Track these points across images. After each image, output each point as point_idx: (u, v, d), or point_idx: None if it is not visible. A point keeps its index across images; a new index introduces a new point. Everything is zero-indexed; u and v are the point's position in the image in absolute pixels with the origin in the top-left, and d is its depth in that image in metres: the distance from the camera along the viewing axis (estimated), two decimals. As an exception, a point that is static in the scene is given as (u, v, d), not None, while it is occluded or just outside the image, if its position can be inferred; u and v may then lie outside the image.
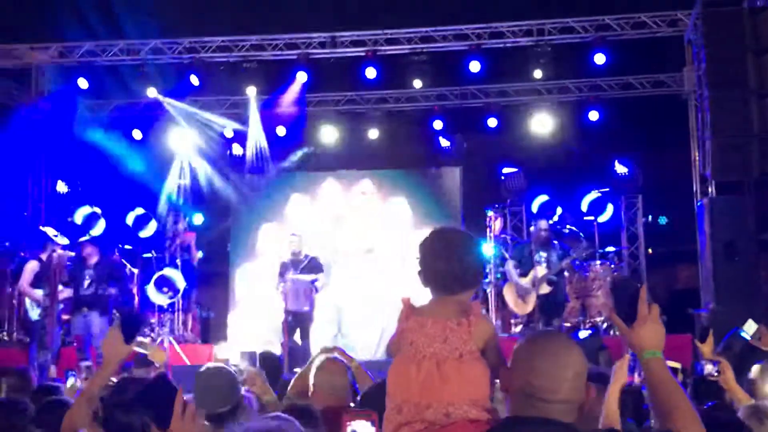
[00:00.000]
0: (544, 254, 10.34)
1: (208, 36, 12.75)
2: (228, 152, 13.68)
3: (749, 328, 6.35)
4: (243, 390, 4.20)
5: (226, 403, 3.87)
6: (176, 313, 12.34)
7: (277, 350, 10.58)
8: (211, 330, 13.51)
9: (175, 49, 12.84)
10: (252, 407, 4.25)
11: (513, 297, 10.91)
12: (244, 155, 13.60)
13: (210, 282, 13.36)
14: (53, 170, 13.33)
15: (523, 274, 10.66)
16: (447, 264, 2.79)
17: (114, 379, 3.25)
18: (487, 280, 11.73)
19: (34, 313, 10.19)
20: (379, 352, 11.79)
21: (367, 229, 13.23)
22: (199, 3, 11.87)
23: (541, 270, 10.36)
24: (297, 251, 10.89)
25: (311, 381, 4.52)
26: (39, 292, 10.14)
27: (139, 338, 3.04)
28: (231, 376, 4.01)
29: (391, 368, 2.81)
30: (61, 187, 12.68)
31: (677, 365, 2.95)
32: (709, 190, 11.91)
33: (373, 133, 13.80)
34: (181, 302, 12.32)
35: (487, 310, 11.49)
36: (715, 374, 4.36)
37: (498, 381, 2.63)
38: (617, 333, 7.32)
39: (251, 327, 12.63)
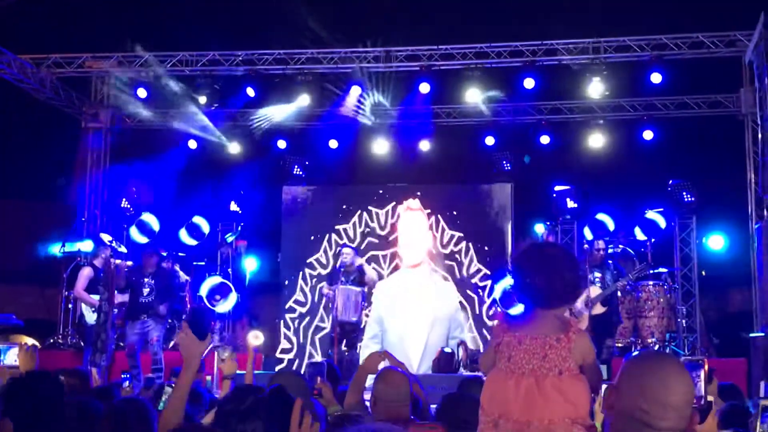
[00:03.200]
0: (598, 274, 10.24)
1: (265, 49, 12.91)
2: (280, 163, 13.78)
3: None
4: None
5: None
6: (226, 322, 12.46)
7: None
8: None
9: (232, 61, 13.03)
10: (320, 413, 4.24)
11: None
12: (297, 167, 13.70)
13: (260, 291, 13.46)
14: (111, 178, 13.57)
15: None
16: (548, 280, 2.78)
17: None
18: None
19: (91, 318, 10.37)
20: (422, 367, 11.73)
21: (416, 243, 13.19)
22: (256, 17, 12.03)
23: (594, 290, 10.26)
24: (349, 263, 10.90)
25: (372, 391, 4.48)
26: (95, 297, 10.32)
27: (226, 352, 3.09)
28: (304, 383, 4.04)
29: (487, 382, 2.81)
30: (124, 203, 12.88)
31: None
32: (765, 212, 11.70)
33: (425, 147, 13.82)
34: (231, 311, 12.43)
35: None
36: None
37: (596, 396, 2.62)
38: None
39: (298, 337, 12.69)
